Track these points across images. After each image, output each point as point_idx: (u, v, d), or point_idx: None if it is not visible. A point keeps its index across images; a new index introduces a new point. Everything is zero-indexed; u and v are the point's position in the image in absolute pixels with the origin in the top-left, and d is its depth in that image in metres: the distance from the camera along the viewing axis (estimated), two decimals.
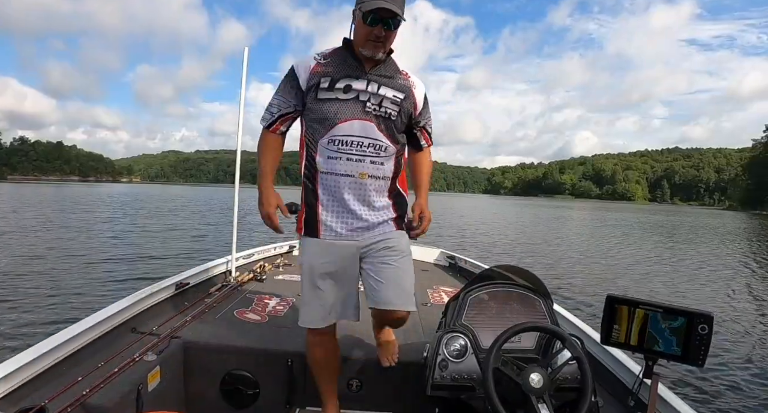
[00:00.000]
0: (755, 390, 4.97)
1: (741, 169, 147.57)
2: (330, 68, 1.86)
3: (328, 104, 1.85)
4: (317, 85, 1.84)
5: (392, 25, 1.78)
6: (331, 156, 1.87)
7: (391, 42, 1.85)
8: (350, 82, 1.85)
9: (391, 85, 1.91)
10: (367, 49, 1.81)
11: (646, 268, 13.43)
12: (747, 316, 8.21)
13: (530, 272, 2.11)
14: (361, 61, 1.87)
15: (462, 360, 1.85)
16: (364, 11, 1.74)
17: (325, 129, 1.86)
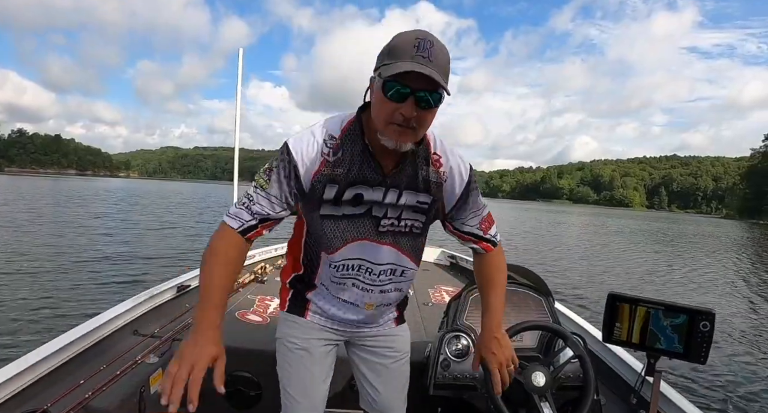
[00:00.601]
0: (757, 386, 5.01)
1: (739, 178, 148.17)
2: (339, 169, 1.26)
3: (330, 223, 1.33)
4: (320, 195, 1.28)
5: (431, 101, 1.12)
6: (335, 281, 1.42)
7: (426, 127, 1.20)
8: (361, 190, 1.29)
9: (416, 187, 1.33)
10: (388, 136, 1.17)
11: (647, 271, 13.51)
12: (748, 314, 8.26)
13: (532, 272, 2.11)
14: (377, 157, 1.27)
15: (464, 360, 1.85)
16: (385, 78, 1.10)
17: (326, 250, 1.38)
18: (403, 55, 1.09)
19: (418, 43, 1.09)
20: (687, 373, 5.04)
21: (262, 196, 1.28)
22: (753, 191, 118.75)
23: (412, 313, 3.11)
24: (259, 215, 1.27)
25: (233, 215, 1.28)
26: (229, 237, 1.26)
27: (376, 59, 1.19)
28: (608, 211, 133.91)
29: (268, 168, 1.30)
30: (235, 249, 1.26)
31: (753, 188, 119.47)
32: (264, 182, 1.28)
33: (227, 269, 1.23)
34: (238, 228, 1.26)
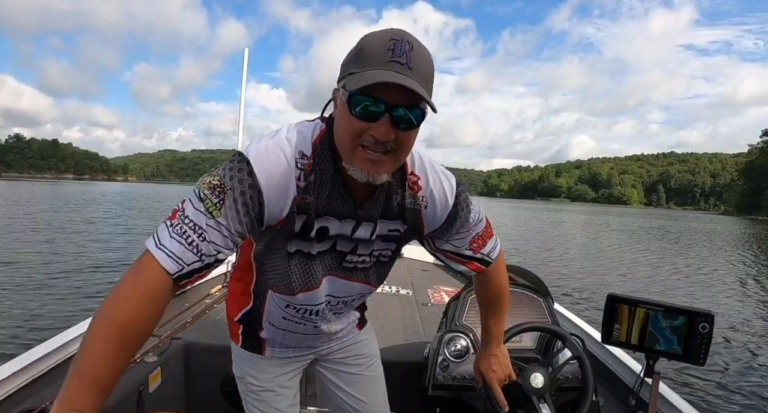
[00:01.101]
0: (755, 388, 5.02)
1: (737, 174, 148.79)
2: (309, 197, 1.00)
3: (298, 261, 1.10)
4: (291, 229, 1.03)
5: (412, 120, 0.88)
6: (286, 317, 1.24)
7: (407, 151, 0.95)
8: (327, 223, 1.05)
9: (388, 214, 1.10)
10: (357, 165, 0.91)
11: (647, 269, 13.53)
12: (748, 316, 8.28)
13: (531, 272, 2.11)
14: (350, 184, 1.02)
15: (463, 360, 1.84)
16: (351, 91, 0.86)
17: (286, 292, 1.15)
18: (375, 61, 0.85)
19: (393, 45, 0.85)
20: (686, 375, 5.06)
21: (214, 228, 0.92)
22: (751, 187, 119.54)
23: (411, 313, 3.12)
24: (208, 257, 0.93)
25: (171, 252, 0.89)
26: (156, 285, 0.88)
27: (341, 67, 0.94)
28: (606, 209, 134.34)
29: (218, 187, 0.93)
30: (160, 304, 0.90)
31: (751, 184, 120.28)
32: (214, 208, 0.92)
33: (135, 342, 0.88)
34: (176, 273, 0.89)
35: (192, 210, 0.93)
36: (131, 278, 0.88)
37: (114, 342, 0.82)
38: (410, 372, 2.25)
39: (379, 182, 0.94)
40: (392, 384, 2.30)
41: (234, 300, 1.34)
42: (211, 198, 0.93)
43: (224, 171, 0.95)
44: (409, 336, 2.65)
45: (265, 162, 0.95)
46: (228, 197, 0.93)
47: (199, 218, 0.92)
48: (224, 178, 0.94)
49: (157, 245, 0.90)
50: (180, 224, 0.92)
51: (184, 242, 0.91)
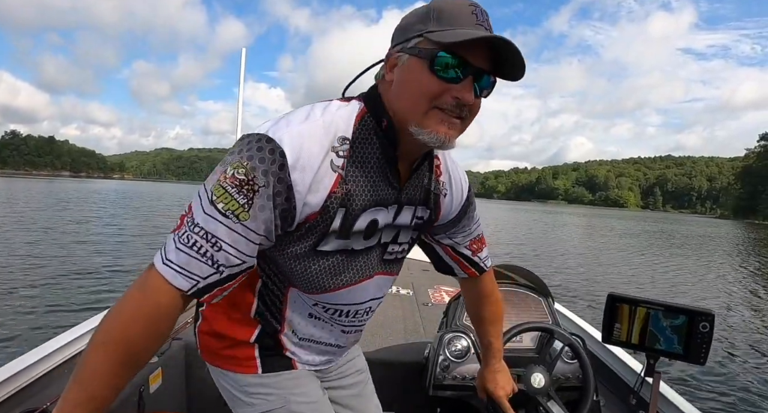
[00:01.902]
0: (756, 387, 5.05)
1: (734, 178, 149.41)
2: (352, 185, 0.88)
3: (328, 260, 0.95)
4: (327, 225, 0.89)
5: (488, 85, 0.86)
6: (314, 315, 1.06)
7: (469, 124, 0.90)
8: (376, 214, 0.94)
9: (418, 200, 1.02)
10: (430, 126, 0.84)
11: (647, 270, 13.61)
12: (748, 315, 8.33)
13: (531, 272, 2.11)
14: (395, 161, 0.93)
15: (464, 360, 1.84)
16: (444, 43, 0.80)
17: (313, 291, 1.00)
18: (462, 22, 0.81)
19: (474, 10, 0.82)
20: (686, 374, 5.07)
21: (239, 233, 0.80)
22: (748, 191, 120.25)
23: (411, 313, 3.12)
24: (229, 268, 0.81)
25: (179, 266, 0.79)
26: (166, 305, 0.79)
27: (401, 30, 0.88)
28: (603, 211, 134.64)
29: (247, 183, 0.79)
30: (170, 322, 0.82)
31: (748, 188, 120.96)
32: (241, 210, 0.79)
33: (140, 361, 0.81)
34: (190, 289, 0.80)
35: (202, 216, 0.80)
36: (137, 295, 0.80)
37: (117, 361, 0.77)
38: (411, 372, 2.25)
39: (450, 147, 0.88)
40: (393, 384, 2.30)
41: (230, 325, 1.06)
42: (237, 198, 0.79)
43: (252, 162, 0.80)
44: (409, 336, 2.65)
45: (300, 151, 0.82)
46: (259, 197, 0.80)
47: (214, 224, 0.80)
48: (255, 172, 0.80)
49: (163, 261, 0.80)
50: (187, 232, 0.80)
51: (193, 254, 0.79)
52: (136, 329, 0.78)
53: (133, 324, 0.78)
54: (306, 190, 0.82)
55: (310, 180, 0.82)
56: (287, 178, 0.80)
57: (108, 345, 0.77)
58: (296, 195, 0.82)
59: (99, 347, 0.77)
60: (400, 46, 0.86)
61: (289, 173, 0.80)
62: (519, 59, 0.82)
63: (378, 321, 2.86)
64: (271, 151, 0.80)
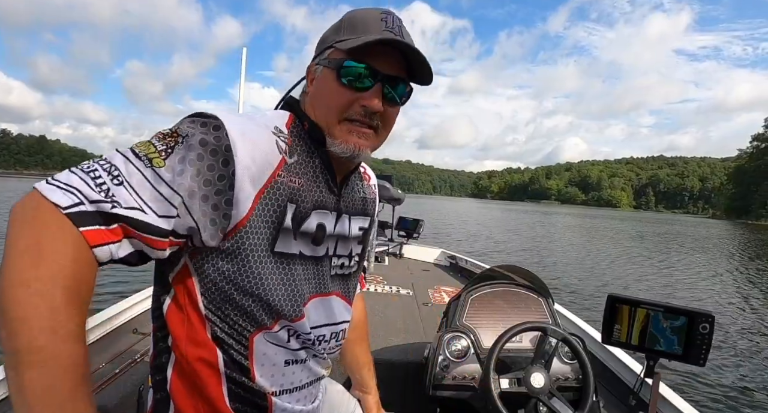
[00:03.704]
0: (756, 388, 5.09)
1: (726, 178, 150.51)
2: (297, 179, 0.82)
3: (289, 267, 0.83)
4: (278, 218, 0.79)
5: (402, 93, 0.85)
6: (289, 360, 0.87)
7: (388, 131, 0.88)
8: (323, 218, 0.87)
9: (356, 209, 0.98)
10: (340, 137, 0.82)
11: (646, 271, 13.66)
12: (748, 317, 8.39)
13: (531, 272, 2.11)
14: (331, 165, 0.88)
15: (463, 360, 1.85)
16: (347, 49, 0.79)
17: (272, 314, 0.81)
18: (368, 29, 0.80)
19: (384, 17, 0.82)
20: (686, 375, 5.11)
21: (148, 179, 0.68)
22: (740, 192, 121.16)
23: (411, 313, 3.13)
24: (123, 210, 0.65)
25: (62, 181, 0.64)
26: (52, 231, 0.61)
27: (320, 43, 0.88)
28: (596, 211, 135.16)
29: (170, 136, 0.72)
30: (88, 274, 0.64)
31: (740, 188, 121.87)
32: (156, 155, 0.69)
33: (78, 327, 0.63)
34: (69, 207, 0.62)
35: (113, 153, 0.71)
36: (33, 227, 0.61)
37: (72, 339, 0.61)
38: (411, 372, 2.25)
39: (362, 158, 0.86)
40: (393, 383, 2.30)
41: (192, 377, 0.81)
42: (155, 144, 0.71)
43: (181, 123, 0.74)
44: (409, 336, 2.66)
45: (239, 121, 0.75)
46: (181, 147, 0.70)
47: (122, 161, 0.69)
48: (180, 126, 0.73)
49: (47, 181, 0.65)
50: (89, 163, 0.69)
51: (83, 175, 0.66)
52: (35, 283, 0.58)
53: (27, 274, 0.58)
54: (245, 158, 0.72)
55: (249, 149, 0.73)
56: (223, 137, 0.71)
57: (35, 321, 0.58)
58: (235, 162, 0.71)
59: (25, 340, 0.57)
60: (317, 60, 0.86)
61: (225, 133, 0.71)
62: (424, 63, 0.81)
63: (378, 321, 2.87)
64: (200, 115, 0.73)
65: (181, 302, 0.79)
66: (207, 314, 0.79)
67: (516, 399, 1.61)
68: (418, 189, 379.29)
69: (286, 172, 0.79)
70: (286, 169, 0.79)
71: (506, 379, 1.63)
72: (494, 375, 1.60)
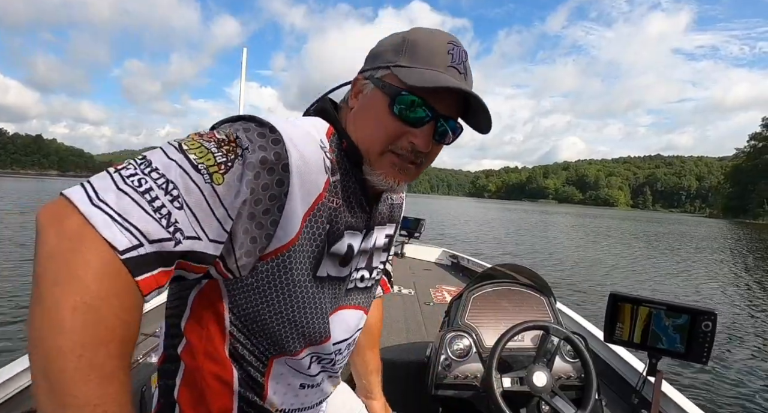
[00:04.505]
0: (758, 386, 5.10)
1: (723, 177, 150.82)
2: (335, 197, 0.77)
3: (322, 290, 0.80)
4: (323, 242, 0.76)
5: (453, 134, 0.80)
6: (304, 384, 0.86)
7: (424, 168, 0.83)
8: (352, 239, 0.83)
9: (383, 219, 0.95)
10: (382, 169, 0.78)
11: (648, 269, 13.69)
12: (750, 315, 8.40)
13: (532, 271, 2.11)
14: (366, 187, 0.82)
15: (465, 360, 1.84)
16: (408, 85, 0.73)
17: (302, 341, 0.79)
18: (435, 62, 0.74)
19: (452, 49, 0.76)
20: (688, 373, 5.12)
21: (206, 198, 0.59)
22: (737, 191, 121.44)
23: (413, 312, 3.14)
24: (186, 241, 0.57)
25: (118, 212, 0.52)
26: (110, 276, 0.51)
27: (374, 56, 0.81)
28: (594, 211, 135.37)
29: (228, 143, 0.63)
30: (132, 314, 0.54)
31: (737, 188, 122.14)
32: (216, 168, 0.60)
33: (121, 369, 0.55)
34: (126, 251, 0.52)
35: (163, 160, 0.58)
36: (62, 269, 0.49)
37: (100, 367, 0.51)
38: (413, 372, 2.25)
39: (398, 191, 0.81)
40: (395, 383, 2.30)
41: (201, 396, 0.77)
42: (215, 154, 0.61)
43: (236, 127, 0.65)
44: (411, 336, 2.66)
45: (296, 135, 0.68)
46: (239, 162, 0.62)
47: (180, 175, 0.58)
48: (238, 132, 0.64)
49: (92, 199, 0.52)
50: (138, 175, 0.56)
51: (144, 203, 0.54)
52: (72, 321, 0.48)
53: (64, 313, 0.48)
54: (299, 183, 0.67)
55: (304, 172, 0.68)
56: (284, 156, 0.64)
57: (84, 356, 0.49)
58: (290, 187, 0.65)
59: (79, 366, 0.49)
60: (368, 74, 0.79)
61: (287, 154, 0.65)
62: (486, 115, 0.77)
63: None
64: (260, 124, 0.66)
65: (203, 316, 0.74)
66: (232, 330, 0.74)
67: (518, 398, 1.61)
68: (415, 189, 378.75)
69: (328, 192, 0.74)
70: (329, 190, 0.74)
71: (508, 378, 1.63)
72: (496, 374, 1.60)
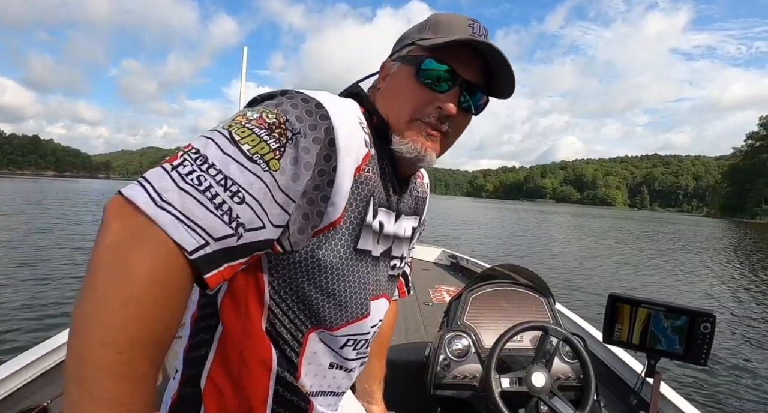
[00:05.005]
0: (756, 388, 5.10)
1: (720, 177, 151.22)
2: (372, 172, 0.76)
3: (364, 266, 0.79)
4: (362, 213, 0.75)
5: (479, 101, 0.81)
6: (333, 363, 0.83)
7: (453, 141, 0.85)
8: (384, 217, 0.82)
9: (409, 209, 0.93)
10: (410, 137, 0.78)
11: (647, 270, 13.71)
12: (749, 316, 8.42)
13: (532, 271, 2.12)
14: (396, 167, 0.82)
15: (464, 360, 1.85)
16: (429, 46, 0.76)
17: (341, 316, 0.77)
18: (456, 31, 0.77)
19: (471, 24, 0.78)
20: (687, 375, 5.12)
21: (267, 186, 0.59)
22: (735, 190, 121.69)
23: (412, 313, 3.14)
24: (247, 233, 0.58)
25: (184, 212, 0.53)
26: (168, 276, 0.51)
27: (399, 40, 0.85)
28: (592, 210, 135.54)
29: (279, 126, 0.62)
30: (173, 292, 0.53)
31: (735, 187, 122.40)
32: (271, 154, 0.60)
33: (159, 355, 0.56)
34: (194, 251, 0.53)
35: (219, 156, 0.58)
36: (114, 258, 0.49)
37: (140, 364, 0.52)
38: (411, 372, 2.25)
39: (427, 162, 0.81)
40: (393, 383, 2.30)
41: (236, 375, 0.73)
42: (267, 140, 0.60)
43: (284, 108, 0.64)
44: (410, 336, 2.66)
45: (340, 108, 0.69)
46: (292, 145, 0.62)
47: (237, 169, 0.58)
48: (288, 115, 0.64)
49: (156, 201, 0.52)
50: (197, 172, 0.56)
51: (206, 202, 0.54)
52: (145, 304, 0.49)
53: (137, 312, 0.49)
54: (345, 157, 0.67)
55: (349, 147, 0.68)
56: (332, 132, 0.65)
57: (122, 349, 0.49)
58: (338, 162, 0.66)
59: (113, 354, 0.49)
60: (395, 56, 0.83)
61: (334, 131, 0.65)
62: (509, 74, 0.77)
63: None
64: (305, 100, 0.66)
65: (241, 292, 0.71)
66: (271, 304, 0.72)
67: (517, 398, 1.61)
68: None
69: (367, 166, 0.74)
70: (369, 163, 0.74)
71: (507, 378, 1.63)
72: (495, 375, 1.60)
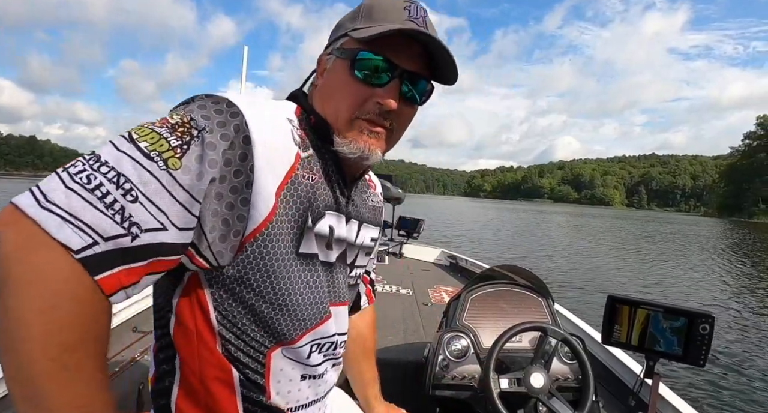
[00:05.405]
0: (755, 389, 5.13)
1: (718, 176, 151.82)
2: (309, 172, 0.74)
3: (313, 271, 0.76)
4: (302, 218, 0.72)
5: (422, 92, 0.78)
6: (306, 375, 0.81)
7: (402, 133, 0.81)
8: (333, 220, 0.79)
9: (366, 217, 0.91)
10: (351, 137, 0.74)
11: (646, 271, 13.74)
12: (747, 317, 8.44)
13: (531, 272, 2.11)
14: (341, 165, 0.79)
15: (463, 360, 1.85)
16: (361, 39, 0.71)
17: (297, 326, 0.75)
18: (389, 17, 0.72)
19: (408, 6, 0.73)
20: (686, 376, 5.14)
21: (164, 186, 0.56)
22: (732, 189, 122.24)
23: (411, 313, 3.14)
24: (144, 234, 0.55)
25: (70, 211, 0.51)
26: (67, 276, 0.50)
27: (334, 31, 0.80)
28: (589, 210, 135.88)
29: (182, 125, 0.61)
30: (90, 308, 0.52)
31: (732, 186, 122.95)
32: (171, 154, 0.58)
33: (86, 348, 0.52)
34: (81, 250, 0.50)
35: (113, 154, 0.56)
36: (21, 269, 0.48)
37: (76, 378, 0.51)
38: (410, 372, 2.25)
39: (373, 160, 0.76)
40: (392, 383, 2.30)
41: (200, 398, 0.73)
42: (168, 138, 0.58)
43: (191, 108, 0.63)
44: (409, 336, 2.66)
45: (255, 107, 0.66)
46: (197, 142, 0.59)
47: (131, 166, 0.55)
48: (192, 114, 0.62)
49: (41, 202, 0.50)
50: (87, 171, 0.53)
51: (94, 200, 0.52)
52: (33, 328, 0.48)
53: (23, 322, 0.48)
54: (264, 154, 0.64)
55: (269, 142, 0.65)
56: (243, 128, 0.62)
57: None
58: (254, 158, 0.63)
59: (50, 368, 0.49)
60: (329, 49, 0.78)
61: (245, 125, 0.62)
62: (449, 59, 0.73)
63: (377, 320, 2.87)
64: (215, 102, 0.64)
65: (189, 317, 0.70)
66: (220, 330, 0.70)
67: (515, 399, 1.62)
68: (410, 189, 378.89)
69: (302, 168, 0.71)
70: (302, 164, 0.71)
71: (506, 379, 1.63)
72: (494, 375, 1.60)
